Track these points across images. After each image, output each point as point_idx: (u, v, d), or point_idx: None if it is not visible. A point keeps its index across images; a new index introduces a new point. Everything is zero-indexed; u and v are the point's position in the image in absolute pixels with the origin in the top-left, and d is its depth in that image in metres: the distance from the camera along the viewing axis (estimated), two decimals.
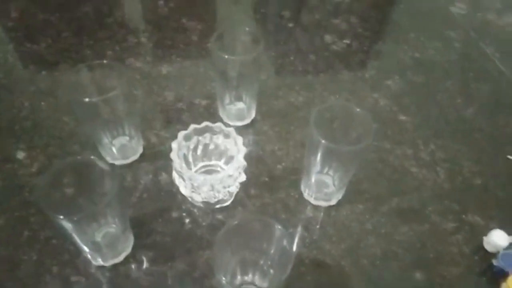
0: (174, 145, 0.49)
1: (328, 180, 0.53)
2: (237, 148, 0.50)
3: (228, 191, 0.51)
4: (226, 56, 0.54)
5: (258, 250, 0.41)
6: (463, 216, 0.54)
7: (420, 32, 0.81)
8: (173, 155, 0.48)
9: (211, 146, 0.54)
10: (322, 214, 0.53)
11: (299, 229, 0.52)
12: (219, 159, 0.56)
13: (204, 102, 0.66)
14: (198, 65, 0.72)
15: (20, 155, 0.58)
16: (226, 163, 0.55)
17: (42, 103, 0.65)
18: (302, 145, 0.60)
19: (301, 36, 0.80)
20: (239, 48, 0.59)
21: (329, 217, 0.53)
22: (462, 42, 0.80)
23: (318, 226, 0.52)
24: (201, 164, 0.56)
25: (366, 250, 0.50)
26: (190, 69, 0.72)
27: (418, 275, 0.48)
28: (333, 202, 0.54)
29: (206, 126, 0.52)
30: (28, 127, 0.62)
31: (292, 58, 0.75)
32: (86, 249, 0.45)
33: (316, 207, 0.54)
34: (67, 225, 0.40)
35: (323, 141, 0.44)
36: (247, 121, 0.63)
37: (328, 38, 0.79)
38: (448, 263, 0.49)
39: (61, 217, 0.38)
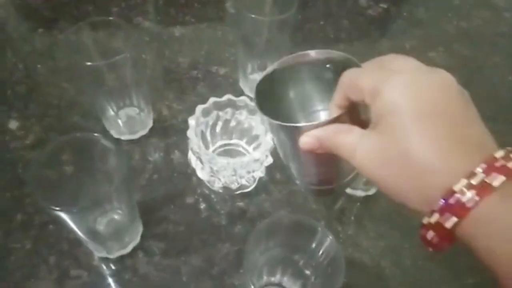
0: (191, 121, 0.42)
1: None
2: (265, 127, 0.43)
3: (253, 176, 0.44)
4: (253, 16, 0.46)
5: (295, 251, 0.35)
6: None
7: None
8: (190, 133, 0.41)
9: (232, 123, 0.47)
10: (358, 205, 0.46)
11: (332, 222, 0.45)
12: (240, 137, 0.48)
13: (222, 71, 0.58)
14: (216, 28, 0.64)
15: (13, 125, 0.51)
16: (249, 143, 0.48)
17: (38, 65, 0.58)
18: None
19: None
20: (267, 8, 0.50)
21: (367, 208, 0.46)
22: None
23: (353, 219, 0.45)
24: (220, 142, 0.48)
25: (409, 250, 0.43)
26: (206, 31, 0.63)
27: (470, 280, 0.42)
28: (372, 191, 0.47)
29: (229, 100, 0.44)
30: (22, 93, 0.54)
31: (322, 23, 0.66)
32: (85, 239, 0.38)
33: (351, 197, 0.47)
34: (64, 215, 0.33)
35: None
36: None
37: (362, 1, 0.69)
38: None
39: (58, 208, 0.31)
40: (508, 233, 0.20)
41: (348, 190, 0.47)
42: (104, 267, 0.41)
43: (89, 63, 0.41)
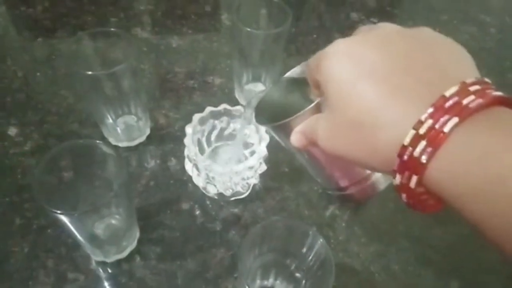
0: (188, 129, 0.43)
1: None
2: (259, 136, 0.45)
3: (247, 183, 0.45)
4: (248, 29, 0.48)
5: (287, 255, 0.36)
6: None
7: (453, 14, 0.75)
8: (187, 141, 0.42)
9: (228, 131, 0.49)
10: (349, 211, 0.48)
11: (324, 228, 0.46)
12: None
13: (218, 81, 0.59)
14: (212, 39, 0.65)
15: (12, 131, 0.52)
16: (244, 148, 0.49)
17: (38, 73, 0.59)
18: None
19: (325, 12, 0.73)
20: (262, 21, 0.52)
21: (357, 215, 0.48)
22: (498, 28, 0.73)
23: (344, 225, 0.47)
24: (215, 145, 0.50)
25: (397, 255, 0.45)
26: (203, 43, 0.65)
27: (454, 283, 0.43)
28: None
29: (225, 109, 0.46)
30: (21, 100, 0.55)
31: (315, 36, 0.68)
32: (84, 242, 0.39)
33: (342, 204, 0.48)
34: (64, 218, 0.34)
35: None
36: None
37: (354, 15, 0.72)
38: (487, 271, 0.45)
39: (59, 212, 0.32)
40: (471, 180, 0.17)
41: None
42: (101, 271, 0.42)
43: (89, 73, 0.42)
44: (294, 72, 0.32)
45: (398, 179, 0.19)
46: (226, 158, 0.49)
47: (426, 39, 0.21)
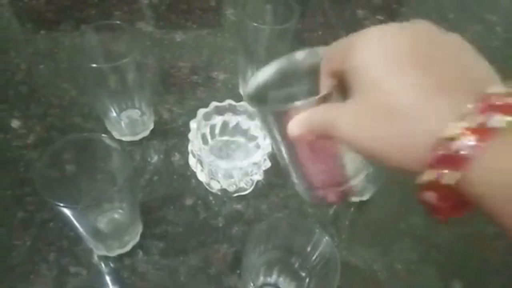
0: (193, 124, 0.43)
1: None
2: (264, 132, 0.44)
3: (251, 179, 0.45)
4: (255, 24, 0.47)
5: (291, 253, 0.36)
6: None
7: (459, 13, 0.74)
8: (191, 136, 0.42)
9: (232, 127, 0.48)
10: (352, 210, 0.48)
11: (327, 226, 0.46)
12: (239, 136, 0.49)
13: (222, 76, 0.59)
14: (216, 34, 0.65)
15: (15, 124, 0.51)
16: (249, 141, 0.49)
17: (41, 66, 0.58)
18: None
19: (331, 9, 0.73)
20: (268, 17, 0.52)
21: (360, 214, 0.48)
22: (504, 27, 0.73)
23: (348, 223, 0.47)
24: (218, 139, 0.49)
25: (400, 254, 0.45)
26: (207, 38, 0.64)
27: (456, 283, 0.43)
28: (366, 197, 0.48)
29: (229, 105, 0.46)
30: (24, 93, 0.55)
31: (320, 32, 0.68)
32: (86, 236, 0.39)
33: (345, 202, 0.48)
34: (67, 212, 0.34)
35: None
36: None
37: (360, 13, 0.71)
38: (490, 271, 0.44)
39: (62, 205, 0.32)
40: None
41: None
42: (103, 265, 0.42)
43: (94, 65, 0.42)
44: (292, 57, 0.29)
45: (430, 176, 0.18)
46: (231, 152, 0.48)
47: (458, 40, 0.21)
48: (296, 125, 0.24)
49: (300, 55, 0.29)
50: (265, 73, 0.29)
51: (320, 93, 0.24)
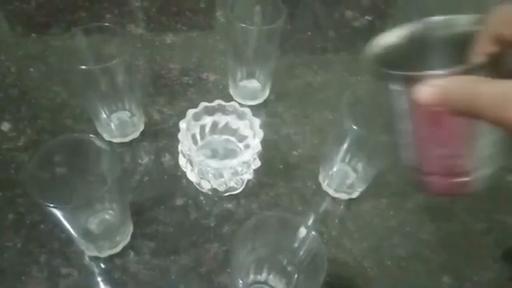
0: (182, 124, 0.43)
1: (351, 170, 0.48)
2: (253, 131, 0.45)
3: (241, 179, 0.46)
4: (243, 25, 0.48)
5: (280, 249, 0.36)
6: (495, 215, 0.49)
7: (447, 14, 0.75)
8: (181, 136, 0.42)
9: (222, 127, 0.49)
10: (342, 207, 0.48)
11: (317, 223, 0.47)
12: (229, 136, 0.50)
13: (212, 77, 0.60)
14: (206, 36, 0.66)
15: (5, 126, 0.52)
16: (238, 140, 0.49)
17: (31, 69, 0.58)
18: (320, 130, 0.55)
19: (320, 10, 0.73)
20: (256, 18, 0.52)
21: (350, 211, 0.48)
22: None
23: (337, 221, 0.47)
24: (208, 139, 0.50)
25: (390, 250, 0.45)
26: (197, 39, 0.65)
27: (445, 278, 0.44)
28: (355, 195, 0.49)
29: (219, 105, 0.46)
30: (15, 96, 0.55)
31: (309, 33, 0.68)
32: (77, 237, 0.39)
33: (335, 200, 0.49)
34: (57, 213, 0.34)
35: (355, 128, 0.39)
36: (260, 100, 0.57)
37: (349, 13, 0.72)
38: (478, 266, 0.45)
39: (52, 205, 0.32)
40: None
41: (332, 193, 0.48)
42: (95, 266, 0.42)
43: (83, 67, 0.42)
44: (426, 23, 0.27)
45: None
46: (221, 152, 0.49)
47: None
48: (429, 92, 0.20)
49: (436, 22, 0.26)
50: (391, 37, 0.26)
51: (470, 61, 0.21)
